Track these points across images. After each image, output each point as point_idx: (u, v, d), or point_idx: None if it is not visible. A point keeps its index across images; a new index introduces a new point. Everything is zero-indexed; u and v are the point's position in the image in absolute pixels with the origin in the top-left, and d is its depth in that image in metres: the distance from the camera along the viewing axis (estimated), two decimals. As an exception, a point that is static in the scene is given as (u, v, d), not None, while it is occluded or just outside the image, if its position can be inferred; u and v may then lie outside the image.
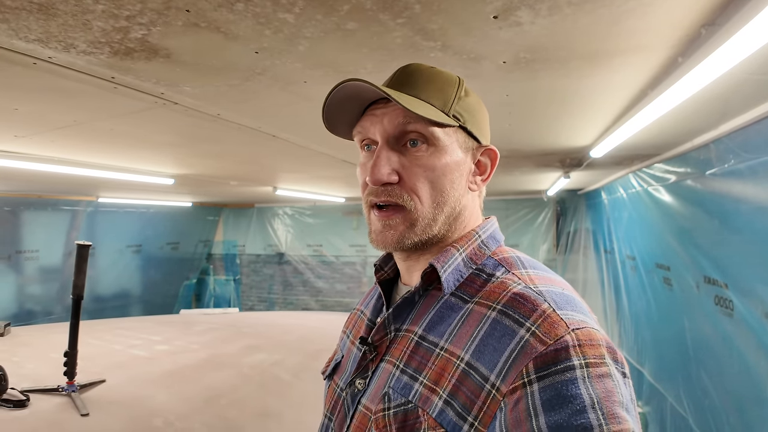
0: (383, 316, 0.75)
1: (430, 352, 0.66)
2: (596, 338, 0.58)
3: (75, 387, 2.31)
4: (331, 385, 0.83)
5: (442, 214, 0.70)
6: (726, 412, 2.57)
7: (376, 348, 0.73)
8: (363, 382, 0.73)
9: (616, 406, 0.53)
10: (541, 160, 3.51)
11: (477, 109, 0.74)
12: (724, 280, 2.54)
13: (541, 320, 0.58)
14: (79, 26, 1.24)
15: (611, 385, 0.55)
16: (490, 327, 0.61)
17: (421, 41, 1.29)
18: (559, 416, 0.52)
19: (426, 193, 0.69)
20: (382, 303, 0.79)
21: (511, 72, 1.57)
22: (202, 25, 1.21)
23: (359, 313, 0.88)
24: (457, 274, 0.70)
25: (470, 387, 0.59)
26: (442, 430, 0.59)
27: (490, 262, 0.71)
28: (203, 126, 2.32)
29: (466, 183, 0.74)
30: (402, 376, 0.67)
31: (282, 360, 3.10)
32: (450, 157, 0.70)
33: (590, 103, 2.01)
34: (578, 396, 0.53)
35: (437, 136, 0.69)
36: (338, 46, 1.33)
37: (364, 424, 0.69)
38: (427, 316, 0.69)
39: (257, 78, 1.62)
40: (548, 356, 0.56)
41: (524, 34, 1.26)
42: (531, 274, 0.67)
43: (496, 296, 0.64)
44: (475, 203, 0.77)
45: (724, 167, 2.51)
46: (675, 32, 1.30)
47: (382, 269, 0.83)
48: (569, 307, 0.61)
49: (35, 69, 1.54)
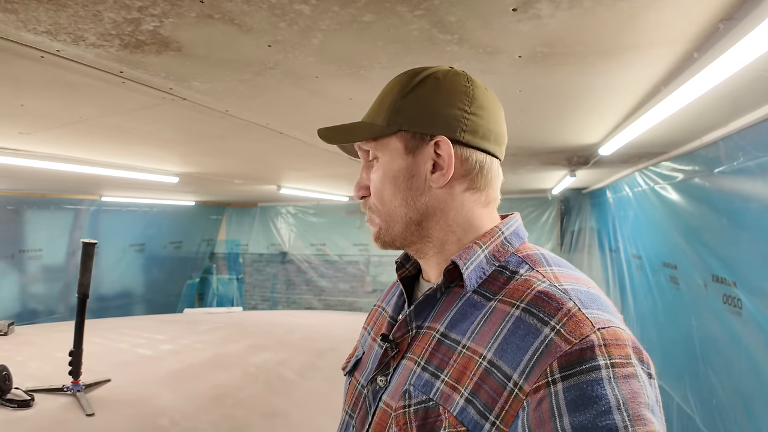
0: (405, 313, 0.74)
1: (452, 350, 0.65)
2: (622, 338, 0.57)
3: (80, 386, 2.29)
4: (352, 381, 0.82)
5: (394, 221, 0.74)
6: (734, 412, 2.56)
7: (397, 345, 0.73)
8: (384, 379, 0.73)
9: (642, 408, 0.52)
10: (548, 159, 3.49)
11: (427, 100, 0.70)
12: (732, 278, 2.53)
13: (566, 319, 0.58)
14: (90, 17, 1.21)
15: (637, 386, 0.54)
16: (513, 325, 0.60)
17: (438, 34, 1.28)
18: (584, 417, 0.51)
19: (377, 203, 0.74)
20: (404, 300, 0.79)
21: (526, 67, 1.55)
22: (216, 16, 1.20)
23: (380, 310, 0.88)
24: (480, 271, 0.69)
25: (492, 385, 0.58)
26: (463, 428, 0.59)
27: (513, 259, 0.70)
28: (211, 123, 2.30)
29: (423, 185, 0.71)
30: (423, 374, 0.66)
31: (287, 359, 3.09)
32: (385, 168, 0.73)
33: (602, 99, 2.00)
34: (604, 396, 0.52)
35: (374, 153, 0.74)
36: (353, 39, 1.31)
37: (384, 421, 0.69)
38: (450, 313, 0.69)
39: (269, 73, 1.60)
40: (573, 355, 0.55)
41: (543, 27, 1.25)
42: (555, 271, 0.66)
43: (519, 294, 0.63)
44: (459, 200, 0.72)
45: (733, 165, 2.50)
46: (692, 27, 1.29)
47: (404, 266, 0.82)
48: (595, 306, 0.60)
49: (43, 63, 1.52)
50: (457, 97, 0.70)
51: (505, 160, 0.78)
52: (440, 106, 0.70)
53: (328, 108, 2.04)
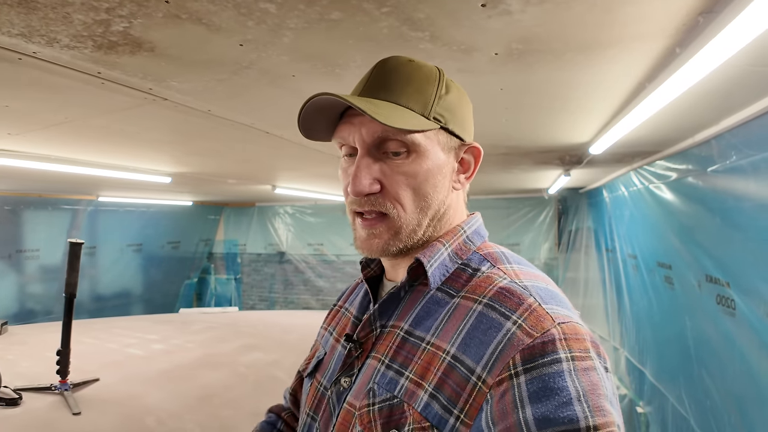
0: (369, 313, 0.74)
1: (417, 347, 0.65)
2: (581, 332, 0.59)
3: (68, 386, 2.29)
4: (313, 383, 0.81)
5: (426, 219, 0.70)
6: (727, 413, 2.54)
7: (361, 345, 0.73)
8: (349, 380, 0.73)
9: (601, 399, 0.54)
10: (541, 158, 3.48)
11: (458, 104, 0.72)
12: (725, 278, 2.50)
13: (527, 314, 0.59)
14: (60, 19, 1.21)
15: (596, 378, 0.56)
16: (476, 320, 0.62)
17: (408, 32, 1.26)
18: (546, 408, 0.52)
19: (409, 200, 0.68)
20: (369, 300, 0.79)
21: (504, 64, 1.54)
22: (183, 16, 1.19)
23: (343, 310, 0.87)
24: (443, 268, 0.70)
25: (456, 380, 0.59)
26: (428, 423, 0.59)
27: (475, 257, 0.72)
28: (196, 123, 2.30)
29: (450, 183, 0.73)
30: (387, 372, 0.66)
31: (279, 359, 3.07)
32: (431, 162, 0.69)
33: (587, 97, 1.98)
34: (565, 388, 0.53)
35: (417, 143, 0.67)
36: (324, 38, 1.30)
37: (348, 421, 0.68)
38: (414, 311, 0.69)
39: (245, 72, 1.60)
40: (535, 348, 0.56)
41: (515, 23, 1.23)
42: (516, 269, 0.68)
43: (482, 290, 0.65)
44: (459, 200, 0.77)
45: (725, 164, 2.48)
46: (672, 21, 1.27)
47: (369, 266, 0.82)
48: (554, 302, 0.62)
49: (21, 65, 1.52)
50: (470, 109, 0.76)
51: (496, 159, 0.79)
52: (466, 114, 0.74)
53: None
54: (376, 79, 0.70)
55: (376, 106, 0.65)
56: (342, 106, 0.69)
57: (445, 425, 0.58)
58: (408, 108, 0.67)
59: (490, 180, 5.11)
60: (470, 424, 0.57)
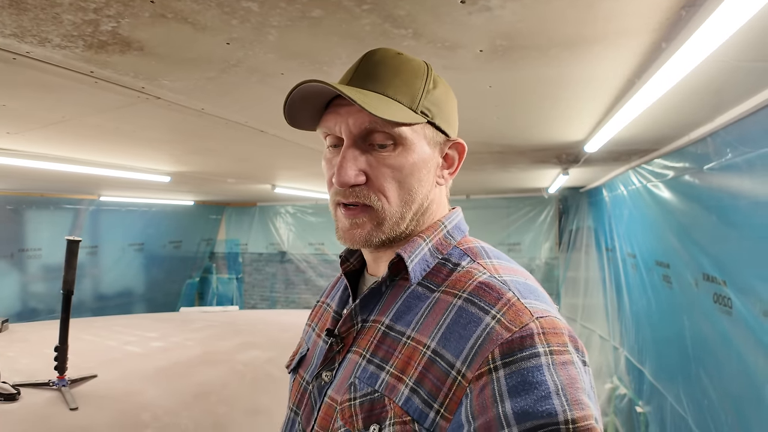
0: (350, 308, 0.74)
1: (397, 341, 0.66)
2: (559, 327, 0.59)
3: (65, 381, 2.31)
4: (297, 378, 0.82)
5: (410, 212, 0.70)
6: (724, 412, 2.52)
7: (342, 339, 0.73)
8: (330, 374, 0.73)
9: (579, 393, 0.54)
10: (537, 156, 3.47)
11: (445, 100, 0.73)
12: (722, 277, 2.49)
13: (506, 308, 0.59)
14: (50, 20, 1.24)
15: (574, 372, 0.56)
16: (455, 315, 0.62)
17: (391, 29, 1.28)
18: (525, 402, 0.53)
19: (394, 192, 0.69)
20: (349, 294, 0.79)
21: (489, 61, 1.54)
22: (169, 15, 1.21)
23: (324, 306, 0.88)
24: (424, 263, 0.70)
25: (436, 374, 0.59)
26: (408, 417, 0.59)
27: (455, 251, 0.72)
28: (191, 121, 2.32)
29: (434, 178, 0.73)
30: (368, 366, 0.67)
31: (276, 357, 3.09)
32: (417, 155, 0.69)
33: (578, 94, 1.98)
34: (543, 382, 0.54)
35: (405, 136, 0.67)
36: (308, 35, 1.32)
37: (329, 415, 0.69)
38: (395, 306, 0.69)
39: (233, 70, 1.61)
40: (514, 343, 0.56)
41: (496, 19, 1.24)
42: (495, 263, 0.68)
43: (461, 285, 0.65)
44: (442, 195, 0.77)
45: (721, 161, 2.47)
46: (655, 15, 1.27)
47: (348, 260, 0.82)
48: (532, 297, 0.62)
49: (15, 64, 1.54)
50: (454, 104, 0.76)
51: (492, 158, 0.79)
52: (452, 110, 0.75)
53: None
54: (364, 70, 0.69)
55: (365, 95, 0.64)
56: (328, 96, 0.68)
57: (425, 419, 0.58)
58: (395, 100, 0.67)
59: (489, 179, 5.10)
60: (450, 419, 0.57)
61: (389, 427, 0.60)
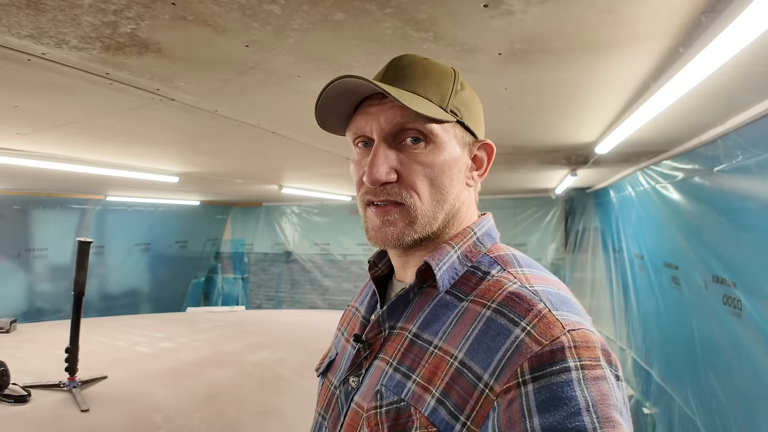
0: (377, 314, 0.73)
1: (424, 351, 0.65)
2: (592, 340, 0.57)
3: (76, 383, 2.31)
4: (325, 382, 0.82)
5: (441, 212, 0.69)
6: (734, 414, 2.52)
7: (370, 346, 0.72)
8: (357, 379, 0.72)
9: (610, 410, 0.53)
10: (547, 157, 3.47)
11: (472, 102, 0.73)
12: (732, 279, 2.49)
13: (536, 320, 0.58)
14: (68, 21, 1.23)
15: (606, 388, 0.54)
16: (484, 326, 0.60)
17: (412, 32, 1.27)
18: (554, 418, 0.52)
19: (425, 190, 0.67)
20: (377, 300, 0.78)
21: (507, 64, 1.54)
22: (190, 18, 1.21)
23: (354, 310, 0.87)
24: (452, 271, 0.69)
25: (463, 386, 0.58)
26: (435, 428, 0.58)
27: (485, 259, 0.70)
28: (203, 123, 2.32)
29: (464, 179, 0.72)
30: (395, 374, 0.66)
31: (285, 358, 3.09)
32: (448, 154, 0.68)
33: (592, 97, 1.98)
34: (573, 398, 0.52)
35: (436, 133, 0.67)
36: (328, 38, 1.31)
37: (356, 422, 0.68)
38: (422, 314, 0.68)
39: (250, 72, 1.61)
40: (544, 357, 0.55)
41: (517, 23, 1.24)
42: (527, 273, 0.66)
43: (491, 295, 0.63)
44: (471, 199, 0.76)
45: (732, 163, 2.47)
46: (673, 20, 1.27)
47: (376, 266, 0.81)
48: (565, 308, 0.60)
49: (30, 65, 1.54)
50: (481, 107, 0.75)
51: (503, 159, 0.79)
52: (479, 112, 0.75)
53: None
54: (393, 71, 0.69)
55: (399, 91, 0.64)
56: (358, 98, 0.69)
57: (451, 431, 0.57)
58: (426, 98, 0.66)
59: (496, 180, 5.10)
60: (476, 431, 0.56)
61: None
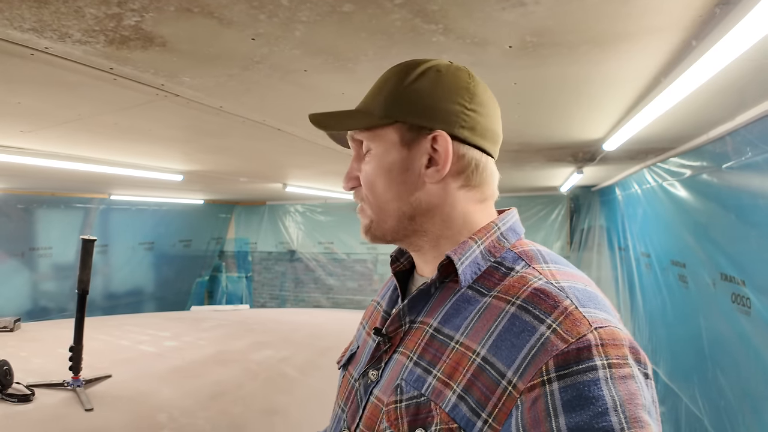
0: (398, 308, 0.73)
1: (445, 346, 0.64)
2: (619, 338, 0.56)
3: (80, 382, 2.30)
4: (346, 375, 0.82)
5: (386, 214, 0.72)
6: (742, 413, 2.50)
7: (390, 339, 0.72)
8: (376, 373, 0.72)
9: (639, 410, 0.52)
10: (553, 155, 3.44)
11: (430, 91, 0.68)
12: (741, 277, 2.47)
13: (562, 317, 0.57)
14: (72, 13, 1.22)
15: (634, 387, 0.53)
16: (508, 322, 0.59)
17: (421, 24, 1.25)
18: (580, 418, 0.51)
19: (369, 195, 0.72)
20: (398, 294, 0.78)
21: (517, 58, 1.52)
22: (195, 10, 1.19)
23: (376, 305, 0.88)
24: (475, 266, 0.68)
25: (485, 382, 0.58)
26: (455, 425, 0.58)
27: (509, 255, 0.69)
28: (207, 120, 2.30)
29: (417, 179, 0.70)
30: (415, 369, 0.65)
31: (289, 356, 3.08)
32: (379, 159, 0.70)
33: (602, 91, 1.95)
34: (600, 397, 0.51)
35: (366, 142, 0.72)
36: (335, 31, 1.29)
37: (375, 416, 0.68)
38: (443, 308, 0.68)
39: (256, 67, 1.59)
40: (570, 355, 0.54)
41: (529, 15, 1.21)
42: (552, 268, 0.65)
43: (515, 291, 0.62)
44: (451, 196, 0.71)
45: (741, 160, 2.44)
46: (687, 12, 1.24)
47: (398, 260, 0.81)
48: (592, 305, 0.59)
49: (33, 60, 1.53)
50: (458, 93, 0.69)
51: (508, 157, 0.76)
52: (440, 100, 0.68)
53: (321, 103, 2.03)
54: None
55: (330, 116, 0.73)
56: None
57: (472, 428, 0.57)
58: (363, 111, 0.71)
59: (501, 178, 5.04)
60: (498, 429, 0.55)
61: None
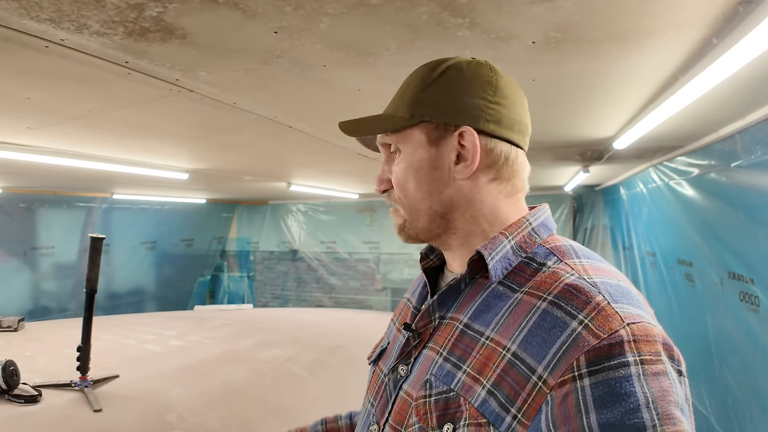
0: (428, 303, 0.73)
1: (475, 341, 0.64)
2: (652, 334, 0.55)
3: (88, 382, 2.28)
4: (376, 370, 0.82)
5: (419, 213, 0.73)
6: (749, 412, 2.50)
7: (419, 335, 0.72)
8: (406, 368, 0.73)
9: (671, 406, 0.51)
10: (561, 153, 3.44)
11: (449, 89, 0.69)
12: (749, 275, 2.47)
13: (594, 313, 0.56)
14: (93, 3, 1.19)
15: (667, 383, 0.53)
16: (539, 318, 0.59)
17: (448, 18, 1.24)
18: (612, 414, 0.50)
19: (401, 195, 0.73)
20: (428, 291, 0.78)
21: (539, 54, 1.51)
22: (220, 1, 1.17)
23: (406, 301, 0.88)
24: (506, 262, 0.67)
25: (515, 378, 0.57)
26: (484, 420, 0.58)
27: (541, 250, 0.68)
28: (219, 116, 2.28)
29: (447, 176, 0.70)
30: (445, 364, 0.66)
31: (296, 356, 3.06)
32: (408, 160, 0.72)
33: (618, 88, 1.95)
34: (632, 394, 0.51)
35: (396, 144, 0.73)
36: (360, 23, 1.28)
37: (404, 410, 0.69)
38: (473, 304, 0.68)
39: (275, 62, 1.58)
40: (601, 350, 0.53)
41: (557, 9, 1.21)
42: (585, 264, 0.65)
43: (547, 286, 0.62)
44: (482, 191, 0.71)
45: (750, 159, 2.44)
46: (711, 9, 1.24)
47: (428, 257, 0.82)
48: (624, 300, 0.59)
49: (47, 53, 1.50)
50: (481, 87, 0.69)
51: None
52: (463, 96, 0.69)
53: (337, 99, 2.02)
54: None
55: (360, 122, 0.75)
56: None
57: (501, 423, 0.56)
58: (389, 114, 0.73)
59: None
60: (528, 425, 0.55)
61: (464, 428, 0.59)
